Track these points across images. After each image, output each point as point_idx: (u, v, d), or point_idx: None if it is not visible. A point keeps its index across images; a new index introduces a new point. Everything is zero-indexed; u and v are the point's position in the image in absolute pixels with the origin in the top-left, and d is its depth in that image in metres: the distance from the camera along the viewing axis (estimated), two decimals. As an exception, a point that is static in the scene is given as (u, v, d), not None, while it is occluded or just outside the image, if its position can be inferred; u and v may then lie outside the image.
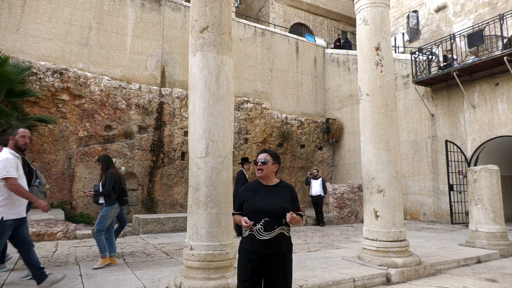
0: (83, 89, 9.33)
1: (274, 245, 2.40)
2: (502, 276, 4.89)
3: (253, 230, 2.42)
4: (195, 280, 3.51)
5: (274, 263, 2.40)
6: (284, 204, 2.44)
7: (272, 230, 2.39)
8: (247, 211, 2.48)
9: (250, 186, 2.62)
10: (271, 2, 18.29)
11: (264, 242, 2.39)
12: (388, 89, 5.23)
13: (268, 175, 2.57)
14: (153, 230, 8.04)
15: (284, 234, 2.45)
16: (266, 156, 2.59)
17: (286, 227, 2.47)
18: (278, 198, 2.48)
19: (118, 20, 10.50)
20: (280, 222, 2.41)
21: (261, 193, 2.52)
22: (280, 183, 2.62)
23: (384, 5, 5.39)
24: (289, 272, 2.47)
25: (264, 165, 2.55)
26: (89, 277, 4.31)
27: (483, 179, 6.59)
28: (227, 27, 4.02)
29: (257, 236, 2.40)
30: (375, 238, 4.97)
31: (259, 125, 12.50)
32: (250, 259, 2.41)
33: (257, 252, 2.40)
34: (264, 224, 2.39)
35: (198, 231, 3.66)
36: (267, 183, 2.58)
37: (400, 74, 12.08)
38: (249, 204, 2.49)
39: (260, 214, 2.41)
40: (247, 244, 2.46)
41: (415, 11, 15.87)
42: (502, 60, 9.05)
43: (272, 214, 2.40)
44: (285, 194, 2.52)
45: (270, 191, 2.54)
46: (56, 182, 9.07)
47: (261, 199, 2.48)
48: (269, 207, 2.42)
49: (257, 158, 2.62)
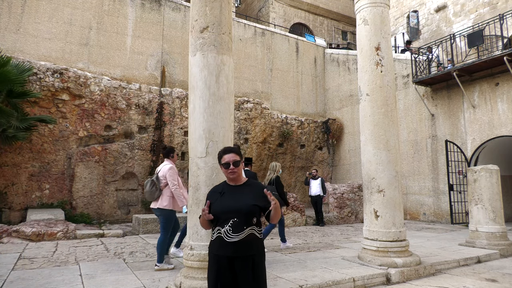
0: (83, 89, 9.33)
1: (243, 247, 2.24)
2: (502, 276, 4.89)
3: (221, 232, 2.27)
4: (195, 280, 3.52)
5: (243, 268, 2.24)
6: (253, 202, 2.30)
7: (241, 231, 2.24)
8: (215, 213, 2.32)
9: (218, 188, 2.49)
10: (271, 2, 18.29)
11: (232, 244, 2.23)
12: (388, 89, 5.23)
13: (240, 176, 2.45)
14: (153, 230, 8.03)
15: (254, 235, 2.29)
16: (235, 157, 2.42)
17: (257, 227, 2.32)
18: (247, 197, 2.34)
19: (118, 20, 10.50)
20: (249, 222, 2.27)
21: (229, 194, 2.38)
22: (248, 181, 2.48)
23: (384, 5, 5.39)
24: (261, 278, 2.30)
25: (237, 167, 2.40)
26: (89, 277, 4.31)
27: (483, 179, 6.59)
28: (227, 27, 4.02)
29: (225, 238, 2.25)
30: (375, 238, 4.97)
31: (259, 125, 12.50)
32: (218, 262, 2.27)
33: (225, 256, 2.25)
34: (232, 225, 2.24)
35: (198, 231, 3.67)
36: (235, 183, 2.44)
37: (400, 74, 12.08)
38: (216, 205, 2.34)
39: (228, 215, 2.27)
40: (214, 247, 2.32)
41: (415, 11, 15.87)
42: (502, 60, 9.05)
43: (241, 213, 2.26)
44: (255, 191, 2.39)
45: (238, 190, 2.40)
46: (56, 182, 9.07)
47: (228, 199, 2.35)
48: (237, 206, 2.28)
49: (224, 159, 2.42)
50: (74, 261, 5.21)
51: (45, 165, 8.94)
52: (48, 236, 6.95)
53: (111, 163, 9.70)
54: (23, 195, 8.67)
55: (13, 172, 8.58)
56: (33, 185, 8.79)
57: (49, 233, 6.99)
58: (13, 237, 6.70)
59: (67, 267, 4.80)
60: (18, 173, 8.62)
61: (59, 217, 8.01)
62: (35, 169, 8.83)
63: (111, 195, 9.74)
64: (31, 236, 6.79)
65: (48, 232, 6.99)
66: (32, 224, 7.23)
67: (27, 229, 6.86)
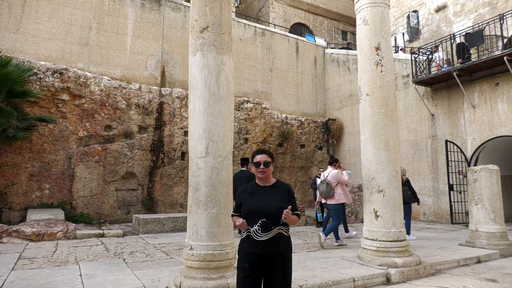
0: (83, 89, 9.33)
1: (272, 245, 2.40)
2: (502, 276, 4.89)
3: (251, 232, 2.43)
4: (195, 280, 3.52)
5: (273, 263, 2.40)
6: (280, 204, 2.43)
7: (269, 230, 2.40)
8: (244, 213, 2.49)
9: (248, 188, 2.62)
10: (271, 2, 18.29)
11: (262, 243, 2.39)
12: (388, 89, 5.23)
13: (269, 176, 2.58)
14: (153, 230, 8.04)
15: (282, 234, 2.45)
16: (267, 158, 2.57)
17: (284, 227, 2.47)
18: (275, 198, 2.48)
19: (118, 20, 10.50)
20: (277, 222, 2.41)
21: (258, 194, 2.52)
22: (277, 183, 2.62)
23: (384, 5, 5.39)
24: (289, 272, 2.47)
25: (267, 167, 2.54)
26: (89, 277, 4.31)
27: (483, 179, 6.59)
28: (227, 27, 4.02)
29: (255, 237, 2.41)
30: (375, 238, 4.97)
31: (259, 125, 12.50)
32: (249, 260, 2.42)
33: (255, 253, 2.41)
34: (261, 225, 2.40)
35: (198, 231, 3.67)
36: (264, 184, 2.59)
37: (400, 74, 12.08)
38: (246, 205, 2.49)
39: (257, 215, 2.42)
40: (245, 246, 2.47)
41: (415, 11, 15.88)
42: (502, 60, 9.04)
43: (269, 214, 2.41)
44: (282, 194, 2.52)
45: (266, 191, 2.54)
46: (56, 182, 9.07)
47: (257, 200, 2.48)
48: (265, 208, 2.43)
49: (256, 159, 2.58)
50: (74, 261, 5.21)
51: (45, 165, 8.94)
52: (48, 236, 6.95)
53: (111, 163, 9.70)
54: (23, 195, 8.67)
55: (13, 172, 8.58)
56: (33, 185, 8.79)
57: (49, 233, 6.99)
58: (13, 237, 6.70)
59: (67, 267, 4.80)
60: (18, 173, 8.62)
61: (59, 217, 8.01)
62: (35, 169, 8.83)
63: (111, 195, 9.75)
64: (31, 236, 6.79)
65: (48, 232, 6.99)
66: (32, 224, 7.23)
67: (27, 229, 6.86)
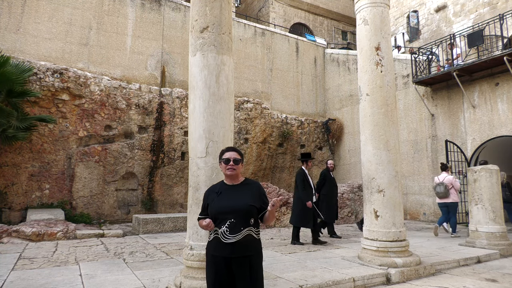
0: (83, 89, 9.32)
1: (240, 248, 2.22)
2: (502, 276, 4.89)
3: (218, 233, 2.25)
4: (195, 280, 3.52)
5: (240, 268, 2.22)
6: (250, 202, 2.27)
7: (238, 232, 2.22)
8: (212, 213, 2.31)
9: (214, 188, 2.47)
10: (271, 2, 18.29)
11: (229, 245, 2.21)
12: (388, 89, 5.23)
13: (238, 175, 2.43)
14: (153, 230, 8.04)
15: (252, 236, 2.27)
16: (237, 155, 2.42)
17: (254, 228, 2.29)
18: (245, 196, 2.31)
19: (118, 20, 10.50)
20: (247, 222, 2.25)
21: (226, 193, 2.36)
22: (246, 181, 2.46)
23: (384, 5, 5.39)
24: (258, 279, 2.27)
25: (237, 165, 2.39)
26: (89, 277, 4.31)
27: (483, 179, 6.59)
28: (227, 27, 4.02)
29: (222, 239, 2.22)
30: (375, 238, 4.97)
31: (259, 125, 12.50)
32: (215, 263, 2.26)
33: (222, 256, 2.23)
34: (229, 226, 2.22)
35: (198, 231, 3.67)
36: (233, 182, 2.42)
37: (400, 74, 12.08)
38: (213, 205, 2.32)
39: (225, 215, 2.25)
40: (211, 248, 2.30)
41: (415, 11, 15.88)
42: (502, 60, 9.04)
43: (238, 213, 2.24)
44: (252, 191, 2.36)
45: (236, 190, 2.38)
46: (56, 182, 9.07)
47: (226, 199, 2.32)
48: (234, 206, 2.26)
49: (226, 156, 2.43)
50: (74, 261, 5.21)
51: (45, 165, 8.94)
52: (48, 236, 6.95)
53: (111, 163, 9.70)
54: (23, 195, 8.67)
55: (13, 172, 8.58)
56: (33, 185, 8.79)
57: (49, 233, 6.99)
58: (13, 237, 6.70)
59: (67, 267, 4.80)
60: (18, 173, 8.62)
61: (59, 217, 8.02)
62: (35, 169, 8.83)
63: (111, 195, 9.75)
64: (31, 236, 6.79)
65: (48, 232, 6.99)
66: (32, 224, 7.23)
67: (27, 229, 6.86)
